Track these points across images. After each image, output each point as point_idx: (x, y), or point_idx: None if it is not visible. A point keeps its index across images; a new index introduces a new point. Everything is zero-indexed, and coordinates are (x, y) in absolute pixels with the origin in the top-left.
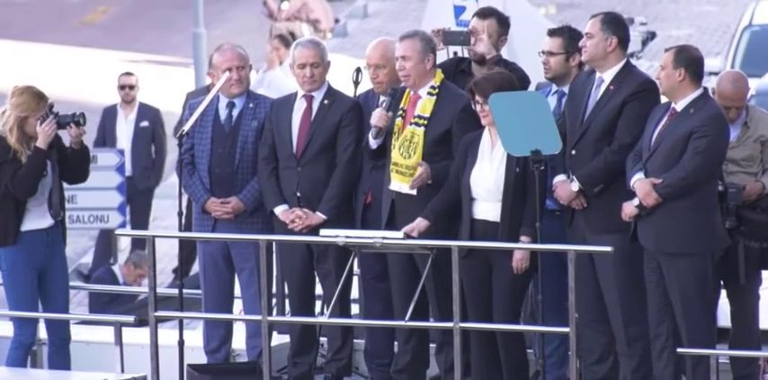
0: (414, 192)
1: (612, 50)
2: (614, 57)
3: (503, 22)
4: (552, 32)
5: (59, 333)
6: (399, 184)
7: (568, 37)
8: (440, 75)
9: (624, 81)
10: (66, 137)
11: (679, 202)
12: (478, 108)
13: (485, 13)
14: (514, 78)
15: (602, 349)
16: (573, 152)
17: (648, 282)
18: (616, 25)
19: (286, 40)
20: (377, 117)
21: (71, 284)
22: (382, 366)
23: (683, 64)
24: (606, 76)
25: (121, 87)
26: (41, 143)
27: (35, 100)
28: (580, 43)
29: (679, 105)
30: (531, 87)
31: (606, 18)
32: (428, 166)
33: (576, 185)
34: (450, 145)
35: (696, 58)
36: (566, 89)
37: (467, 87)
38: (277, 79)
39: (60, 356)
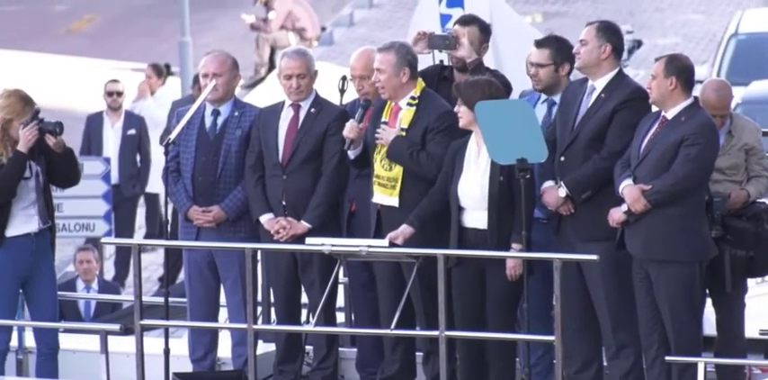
0: (396, 204)
1: (606, 58)
2: (607, 65)
3: (484, 30)
4: (539, 44)
5: (47, 342)
6: (382, 196)
7: (555, 47)
8: (420, 84)
9: (615, 89)
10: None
11: (668, 209)
12: (456, 108)
13: (466, 21)
14: (500, 85)
15: (586, 358)
16: (562, 159)
17: (638, 293)
18: (611, 33)
19: (159, 69)
20: (348, 129)
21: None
22: (373, 375)
23: (673, 72)
24: (598, 84)
25: (109, 94)
26: (22, 147)
27: (21, 103)
28: (574, 50)
29: (669, 114)
30: (515, 95)
31: (602, 26)
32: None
33: (563, 191)
34: None
35: (687, 67)
36: (556, 98)
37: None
38: (147, 110)
39: (48, 365)
